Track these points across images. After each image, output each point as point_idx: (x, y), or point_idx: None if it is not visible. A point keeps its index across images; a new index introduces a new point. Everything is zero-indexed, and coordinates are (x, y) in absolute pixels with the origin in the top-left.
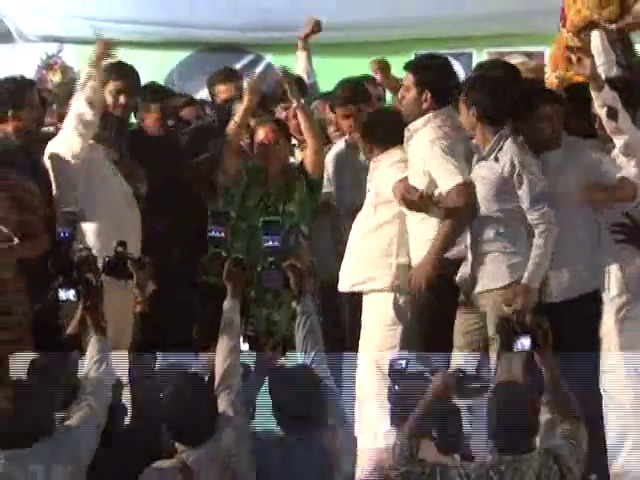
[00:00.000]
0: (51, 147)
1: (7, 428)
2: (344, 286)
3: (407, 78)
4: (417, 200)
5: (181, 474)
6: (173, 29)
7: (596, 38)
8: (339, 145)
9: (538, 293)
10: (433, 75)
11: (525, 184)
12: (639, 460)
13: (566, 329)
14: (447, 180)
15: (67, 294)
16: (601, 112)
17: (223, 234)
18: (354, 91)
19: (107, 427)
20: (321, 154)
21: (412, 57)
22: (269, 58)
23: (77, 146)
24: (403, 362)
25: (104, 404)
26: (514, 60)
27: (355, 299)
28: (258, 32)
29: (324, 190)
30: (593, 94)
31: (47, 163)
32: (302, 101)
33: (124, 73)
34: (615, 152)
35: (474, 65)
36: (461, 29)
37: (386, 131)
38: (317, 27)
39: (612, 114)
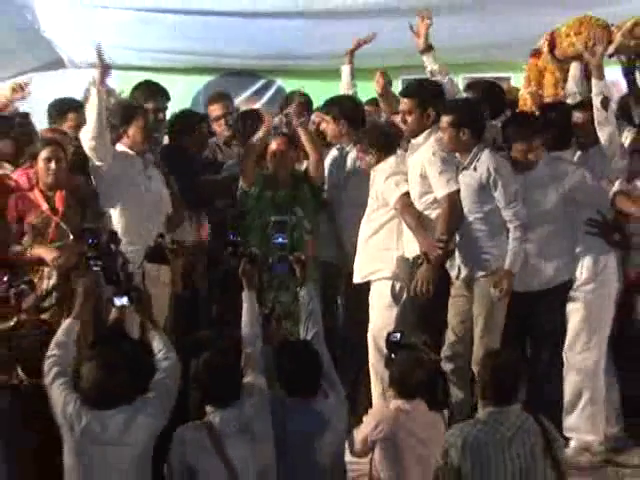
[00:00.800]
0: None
1: (95, 392)
2: (358, 278)
3: (406, 102)
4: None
5: (207, 432)
6: (200, 57)
7: (575, 67)
8: (333, 152)
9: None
10: (433, 97)
11: (499, 187)
12: (589, 416)
13: (542, 312)
14: (441, 189)
15: (121, 301)
16: (596, 101)
17: (239, 238)
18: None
19: None
20: (321, 164)
21: (400, 81)
22: (279, 82)
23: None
24: (398, 335)
25: (174, 386)
26: None
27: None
28: (270, 60)
29: None
30: (593, 82)
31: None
32: (302, 121)
33: (160, 95)
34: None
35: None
36: (440, 58)
37: (385, 143)
38: (362, 43)
39: (605, 103)
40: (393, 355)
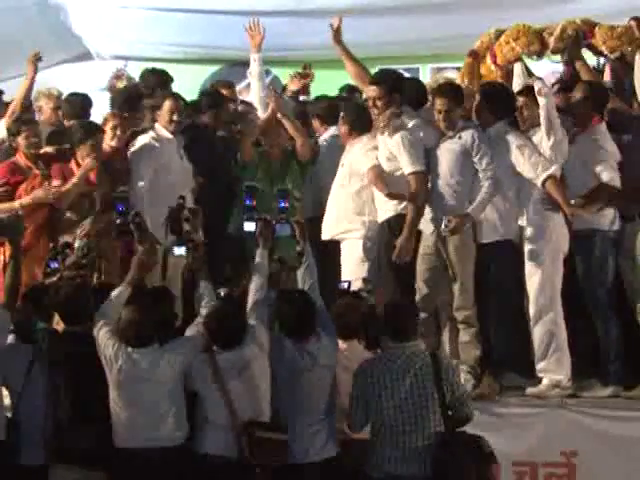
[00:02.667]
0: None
1: (134, 332)
2: (326, 235)
3: (374, 89)
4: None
5: (211, 368)
6: (207, 49)
7: (518, 67)
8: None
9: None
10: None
11: (481, 153)
12: (556, 360)
13: (495, 264)
14: (408, 167)
15: (180, 250)
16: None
17: (255, 202)
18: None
19: None
20: (306, 144)
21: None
22: (275, 71)
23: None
24: (346, 284)
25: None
26: (450, 73)
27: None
28: (266, 52)
29: None
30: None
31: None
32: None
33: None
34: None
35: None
36: (411, 49)
37: (360, 122)
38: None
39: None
40: (337, 301)
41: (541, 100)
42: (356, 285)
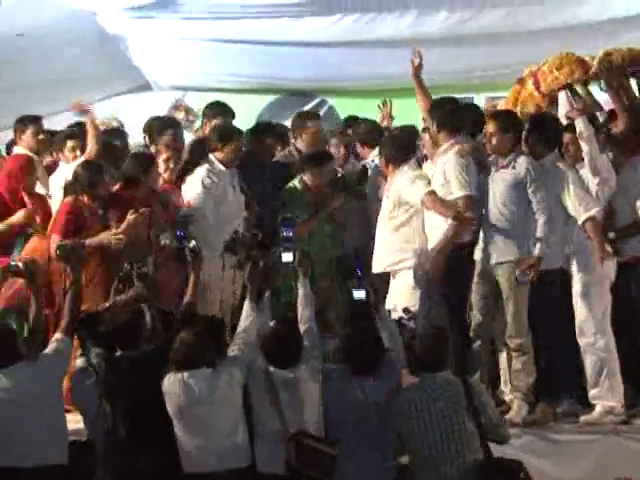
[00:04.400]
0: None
1: (184, 354)
2: (379, 268)
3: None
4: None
5: (267, 383)
6: (263, 80)
7: (562, 96)
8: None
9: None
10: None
11: (535, 185)
12: (609, 387)
13: (544, 293)
14: (457, 191)
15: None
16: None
17: (292, 233)
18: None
19: None
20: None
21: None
22: (330, 101)
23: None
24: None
25: (253, 344)
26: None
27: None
28: (322, 82)
29: None
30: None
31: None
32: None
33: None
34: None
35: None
36: (465, 79)
37: (400, 152)
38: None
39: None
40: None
41: (583, 146)
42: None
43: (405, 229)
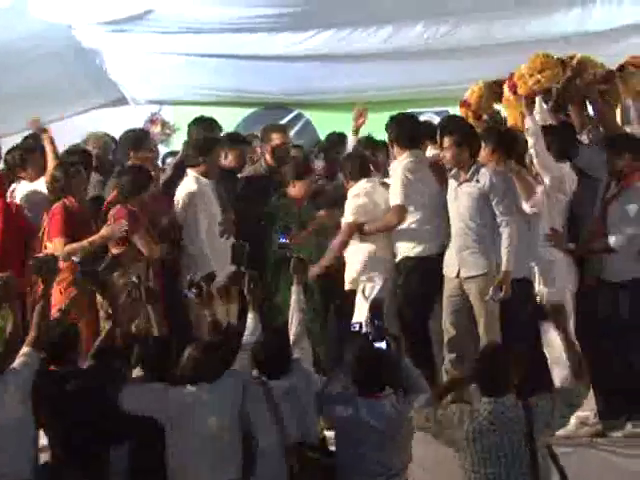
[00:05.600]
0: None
1: (191, 369)
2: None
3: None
4: None
5: (264, 390)
6: (239, 93)
7: (538, 103)
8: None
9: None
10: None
11: (498, 198)
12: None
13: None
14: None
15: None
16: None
17: (288, 240)
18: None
19: None
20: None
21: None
22: (308, 115)
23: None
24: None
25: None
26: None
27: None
28: (299, 95)
29: None
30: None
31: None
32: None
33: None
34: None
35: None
36: (441, 92)
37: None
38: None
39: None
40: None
41: (529, 140)
42: None
43: (366, 245)
